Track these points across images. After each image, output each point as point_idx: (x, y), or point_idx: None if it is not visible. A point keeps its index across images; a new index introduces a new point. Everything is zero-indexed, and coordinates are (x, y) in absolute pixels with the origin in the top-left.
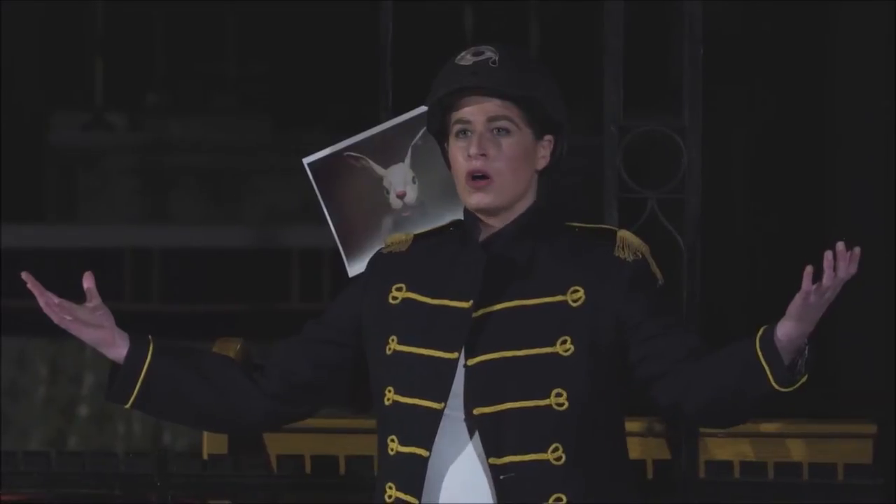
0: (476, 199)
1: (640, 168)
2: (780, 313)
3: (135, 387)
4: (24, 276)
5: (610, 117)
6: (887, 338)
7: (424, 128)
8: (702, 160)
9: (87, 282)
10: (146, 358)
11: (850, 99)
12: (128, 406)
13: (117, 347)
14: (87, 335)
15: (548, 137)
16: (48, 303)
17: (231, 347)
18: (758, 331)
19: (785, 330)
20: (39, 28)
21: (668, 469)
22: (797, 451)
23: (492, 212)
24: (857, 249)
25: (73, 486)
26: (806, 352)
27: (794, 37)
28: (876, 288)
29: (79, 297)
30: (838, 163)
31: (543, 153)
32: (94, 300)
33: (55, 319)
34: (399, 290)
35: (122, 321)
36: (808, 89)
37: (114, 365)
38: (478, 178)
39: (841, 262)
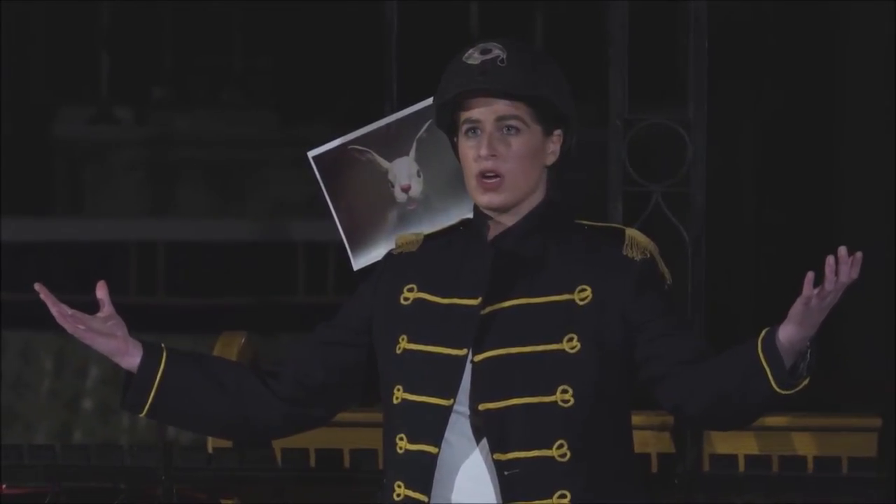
0: (487, 199)
1: (646, 161)
2: (785, 307)
3: (149, 396)
4: (38, 287)
5: (615, 111)
6: (888, 329)
7: (429, 121)
8: (708, 154)
9: (100, 292)
10: (159, 367)
11: (856, 93)
12: (142, 415)
13: (130, 356)
14: (100, 344)
15: (557, 132)
16: (61, 313)
17: (236, 341)
18: (760, 332)
19: (786, 333)
20: (46, 21)
21: (672, 463)
22: (802, 444)
23: (502, 210)
24: (859, 254)
25: (78, 480)
26: (808, 355)
27: (802, 31)
28: (882, 280)
29: (82, 290)
30: (844, 157)
31: (553, 148)
32: (107, 309)
33: (69, 330)
34: (410, 290)
35: (127, 314)
36: (815, 84)
37: (127, 374)
38: (489, 177)
39: (843, 267)
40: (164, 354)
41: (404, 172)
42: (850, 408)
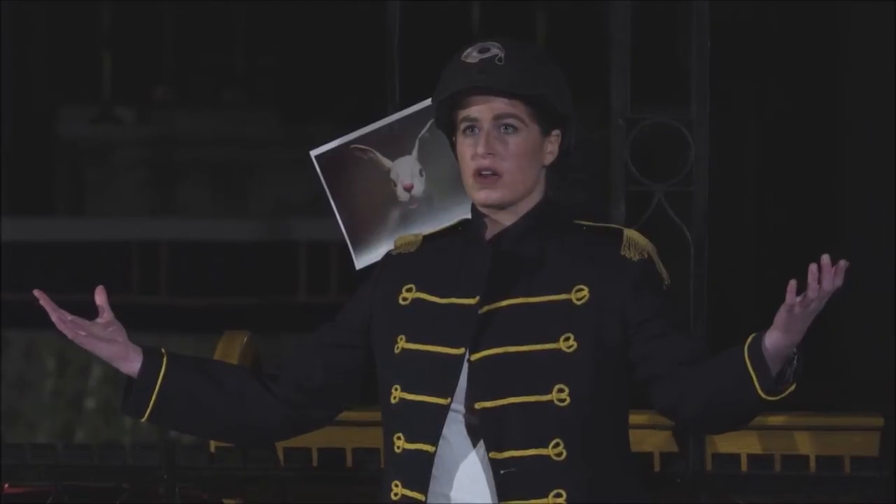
0: (483, 196)
1: (648, 161)
2: None
3: (150, 400)
4: (37, 293)
5: (617, 110)
6: (888, 329)
7: (432, 120)
8: (711, 153)
9: (99, 298)
10: (160, 371)
11: (859, 93)
12: (143, 419)
13: (131, 361)
14: (100, 350)
15: (555, 132)
16: (61, 319)
17: (238, 341)
18: (747, 338)
19: (772, 340)
20: (48, 21)
21: (674, 462)
22: (804, 443)
23: (499, 208)
24: (843, 262)
25: (80, 479)
26: (794, 361)
27: (805, 31)
28: (883, 280)
29: (84, 291)
30: (847, 157)
31: (551, 148)
32: (107, 315)
33: (69, 335)
34: (409, 290)
35: (130, 314)
36: (819, 83)
37: (128, 379)
38: (485, 174)
39: (826, 275)
40: (165, 359)
41: (407, 171)
42: (851, 407)
